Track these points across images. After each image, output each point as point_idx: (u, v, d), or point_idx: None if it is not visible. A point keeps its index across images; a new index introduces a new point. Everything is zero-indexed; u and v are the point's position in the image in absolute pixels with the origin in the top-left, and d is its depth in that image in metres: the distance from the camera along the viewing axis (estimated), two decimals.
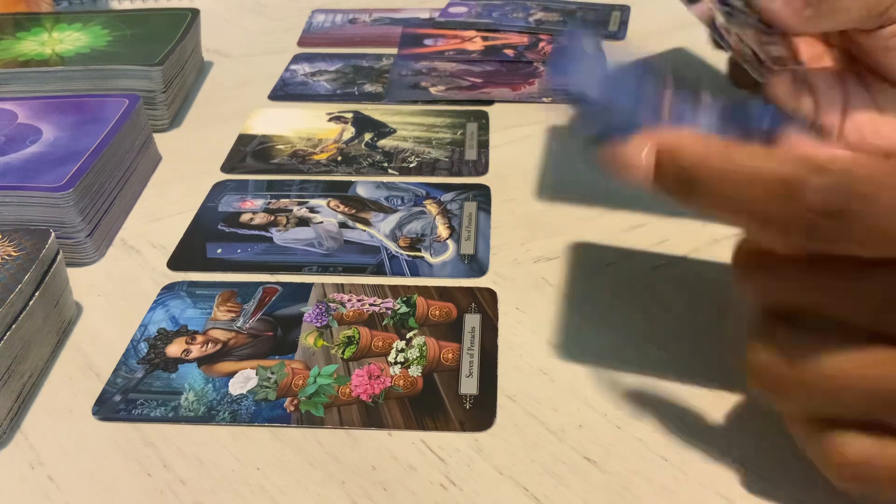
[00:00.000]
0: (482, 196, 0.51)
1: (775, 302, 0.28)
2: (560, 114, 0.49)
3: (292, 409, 0.36)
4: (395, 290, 0.43)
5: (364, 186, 0.53)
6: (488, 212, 0.50)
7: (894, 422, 0.25)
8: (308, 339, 0.40)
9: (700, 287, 0.43)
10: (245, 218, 0.50)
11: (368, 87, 0.66)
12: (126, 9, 0.73)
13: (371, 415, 0.36)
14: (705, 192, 0.26)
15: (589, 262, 0.45)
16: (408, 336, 0.40)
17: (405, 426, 0.35)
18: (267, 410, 0.36)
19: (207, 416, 0.36)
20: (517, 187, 0.52)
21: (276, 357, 0.39)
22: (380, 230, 0.48)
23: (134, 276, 0.45)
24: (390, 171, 0.55)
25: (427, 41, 0.74)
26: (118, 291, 0.44)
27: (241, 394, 0.37)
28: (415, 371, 0.38)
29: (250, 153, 0.57)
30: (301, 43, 0.76)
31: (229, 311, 0.42)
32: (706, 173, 0.26)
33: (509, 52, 0.71)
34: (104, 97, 0.54)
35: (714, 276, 0.44)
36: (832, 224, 0.24)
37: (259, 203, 0.51)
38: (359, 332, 0.40)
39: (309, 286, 0.44)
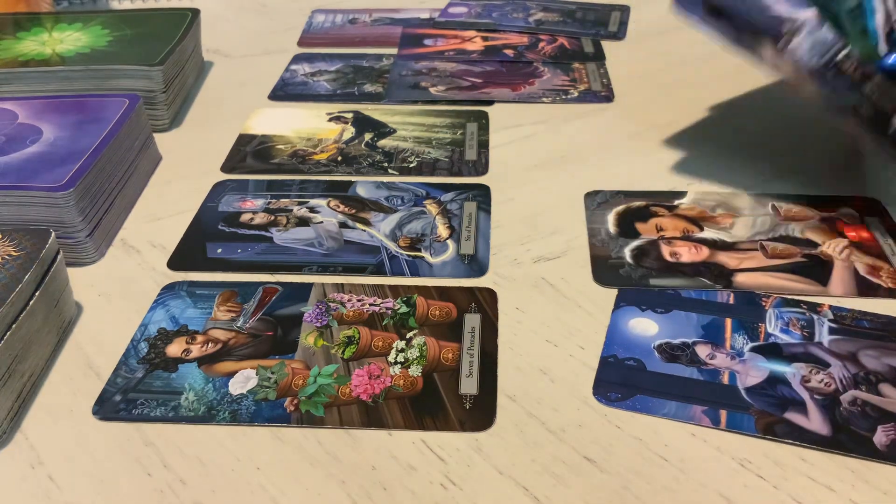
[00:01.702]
0: (482, 196, 0.51)
1: None
2: None
3: (292, 408, 0.36)
4: (395, 290, 0.43)
5: (364, 186, 0.53)
6: (488, 212, 0.50)
7: None
8: (308, 338, 0.40)
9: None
10: (245, 218, 0.50)
11: (368, 87, 0.66)
12: (126, 9, 0.73)
13: (371, 415, 0.36)
14: None
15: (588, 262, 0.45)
16: (408, 336, 0.40)
17: (405, 426, 0.35)
18: (267, 410, 0.36)
19: (207, 416, 0.36)
20: (517, 187, 0.52)
21: (276, 357, 0.39)
22: (380, 230, 0.48)
23: (134, 276, 0.45)
24: (390, 171, 0.55)
25: (427, 41, 0.74)
26: (118, 291, 0.44)
27: (241, 394, 0.37)
28: (415, 371, 0.38)
29: (250, 153, 0.57)
30: (301, 43, 0.76)
31: (229, 310, 0.42)
32: None
33: (509, 52, 0.71)
34: (104, 97, 0.54)
35: None
36: None
37: (259, 203, 0.51)
38: (359, 332, 0.40)
39: (309, 286, 0.44)
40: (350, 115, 0.62)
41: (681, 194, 0.51)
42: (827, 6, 0.45)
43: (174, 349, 0.40)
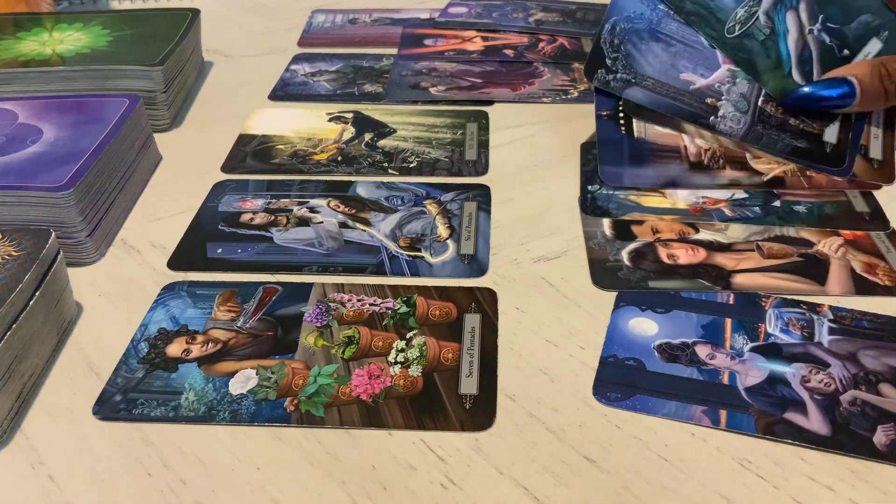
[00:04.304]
0: (482, 196, 0.51)
1: None
2: None
3: (292, 408, 0.36)
4: (395, 290, 0.43)
5: (364, 186, 0.53)
6: (488, 212, 0.50)
7: None
8: (308, 338, 0.40)
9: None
10: (245, 218, 0.50)
11: (368, 87, 0.66)
12: (126, 9, 0.73)
13: (371, 415, 0.36)
14: None
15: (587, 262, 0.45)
16: (408, 336, 0.40)
17: (405, 426, 0.35)
18: (267, 410, 0.36)
19: (208, 416, 0.36)
20: (517, 187, 0.52)
21: (277, 357, 0.39)
22: (380, 230, 0.48)
23: (134, 276, 0.45)
24: (390, 171, 0.55)
25: (427, 41, 0.74)
26: (118, 291, 0.44)
27: (242, 393, 0.37)
28: (415, 371, 0.38)
29: (250, 153, 0.57)
30: (301, 43, 0.76)
31: (229, 310, 0.42)
32: None
33: (509, 52, 0.71)
34: (104, 97, 0.54)
35: None
36: None
37: (259, 203, 0.51)
38: (359, 332, 0.40)
39: (309, 286, 0.44)
40: (350, 115, 0.62)
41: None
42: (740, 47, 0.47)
43: (174, 349, 0.40)
